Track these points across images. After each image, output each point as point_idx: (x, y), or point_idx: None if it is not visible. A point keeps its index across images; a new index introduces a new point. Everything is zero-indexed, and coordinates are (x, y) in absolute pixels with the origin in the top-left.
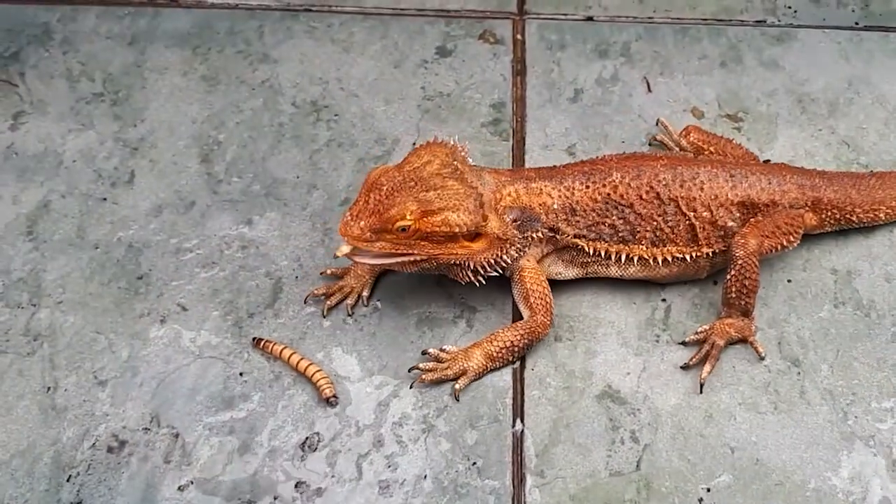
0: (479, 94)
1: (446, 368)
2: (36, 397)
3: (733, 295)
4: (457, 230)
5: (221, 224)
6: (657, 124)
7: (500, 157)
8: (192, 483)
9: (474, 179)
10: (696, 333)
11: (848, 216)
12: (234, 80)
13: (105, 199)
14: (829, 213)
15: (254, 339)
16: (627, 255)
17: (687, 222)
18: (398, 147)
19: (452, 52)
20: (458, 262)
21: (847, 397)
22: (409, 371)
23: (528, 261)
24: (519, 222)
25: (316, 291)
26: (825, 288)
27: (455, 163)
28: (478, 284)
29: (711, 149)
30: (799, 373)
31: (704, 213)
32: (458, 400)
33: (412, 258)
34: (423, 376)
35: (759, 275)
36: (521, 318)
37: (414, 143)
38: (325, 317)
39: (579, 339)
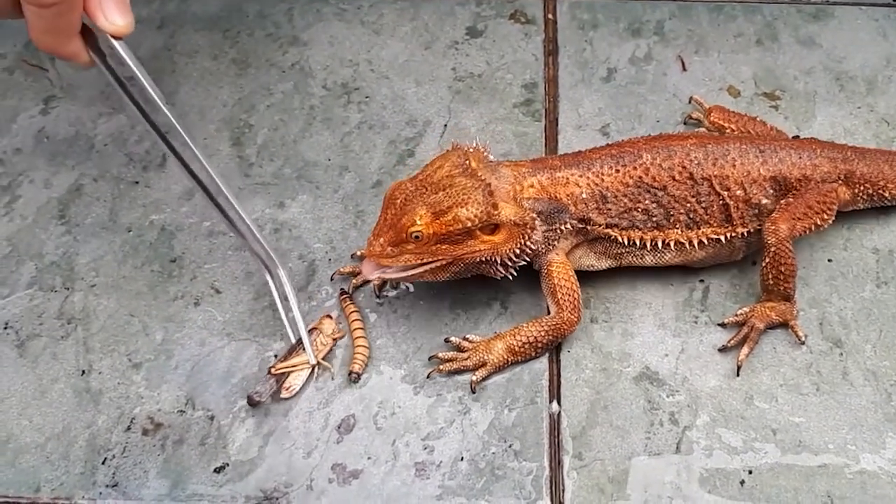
0: (510, 75)
1: (466, 359)
2: (70, 380)
3: (771, 282)
4: (469, 224)
5: (254, 207)
6: (690, 102)
7: (533, 137)
8: (227, 465)
9: (487, 174)
10: (736, 315)
11: (881, 191)
12: (265, 63)
13: (137, 182)
14: (862, 188)
15: (342, 290)
16: (663, 241)
17: (721, 202)
18: (429, 129)
19: (483, 32)
20: (484, 259)
21: (891, 378)
22: (429, 359)
23: (556, 254)
24: (546, 214)
25: (342, 270)
26: (867, 267)
27: (467, 161)
28: (511, 277)
29: (733, 126)
30: (841, 353)
31: (738, 192)
32: (474, 391)
33: (438, 264)
34: (441, 367)
35: (794, 258)
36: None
37: (445, 125)
38: (350, 294)
39: (616, 320)
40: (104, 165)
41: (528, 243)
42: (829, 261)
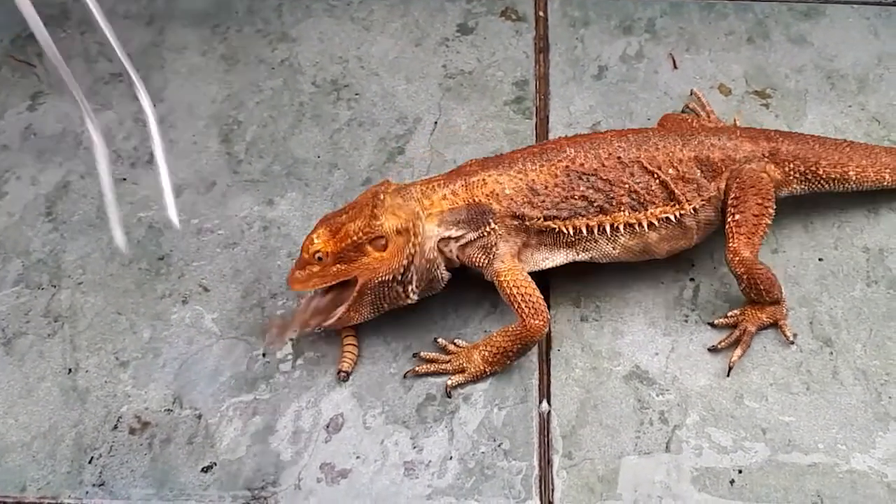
0: (501, 72)
1: (447, 363)
2: (57, 379)
3: (754, 297)
4: (355, 238)
5: (242, 204)
6: (691, 94)
7: (524, 135)
8: (215, 465)
9: (393, 196)
10: (727, 317)
11: (813, 168)
12: (254, 60)
13: (125, 179)
14: (792, 166)
15: None
16: (612, 225)
17: (658, 180)
18: (420, 126)
19: (474, 29)
20: (383, 280)
21: (881, 377)
22: (413, 356)
23: (502, 262)
24: (467, 221)
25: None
26: (857, 266)
27: (384, 186)
28: (412, 300)
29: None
30: (831, 353)
31: (670, 171)
32: (449, 396)
33: (348, 304)
34: (419, 367)
35: (768, 271)
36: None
37: (436, 123)
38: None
39: (606, 319)
40: (92, 162)
41: (415, 253)
42: (820, 260)
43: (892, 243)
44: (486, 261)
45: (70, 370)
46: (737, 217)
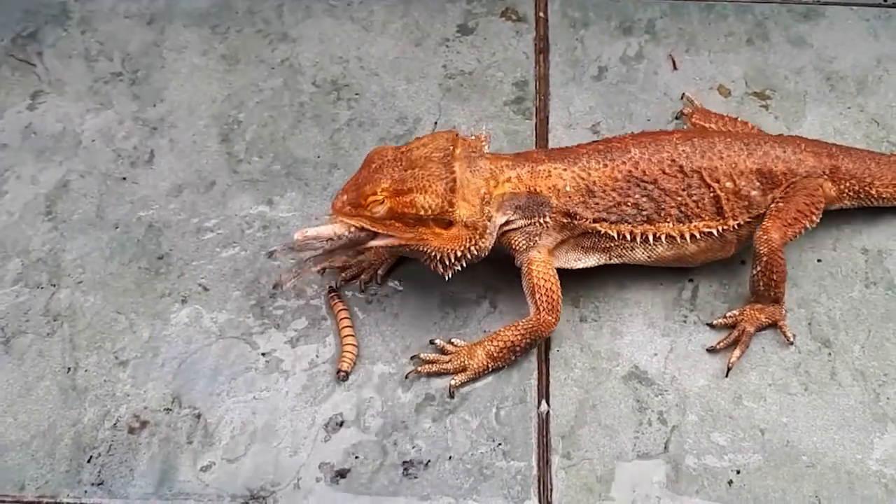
0: (501, 73)
1: (447, 362)
2: (56, 378)
3: (762, 288)
4: (422, 213)
5: (242, 204)
6: (682, 98)
7: (524, 135)
8: (213, 464)
9: (463, 166)
10: (725, 318)
11: (867, 188)
12: (254, 60)
13: (125, 178)
14: (848, 185)
15: (330, 287)
16: (655, 235)
17: (711, 194)
18: (419, 126)
19: (474, 30)
20: (425, 250)
21: (879, 378)
22: (411, 359)
23: (538, 252)
24: (524, 208)
25: (332, 263)
26: (856, 268)
27: (450, 147)
28: (446, 278)
29: (713, 126)
30: (830, 353)
31: (727, 184)
32: (452, 396)
33: (386, 241)
34: (420, 368)
35: (785, 264)
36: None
37: (435, 123)
38: (337, 288)
39: (605, 319)
40: (91, 161)
41: (472, 247)
42: (819, 261)
43: (891, 245)
44: (525, 247)
45: (69, 369)
46: (780, 205)
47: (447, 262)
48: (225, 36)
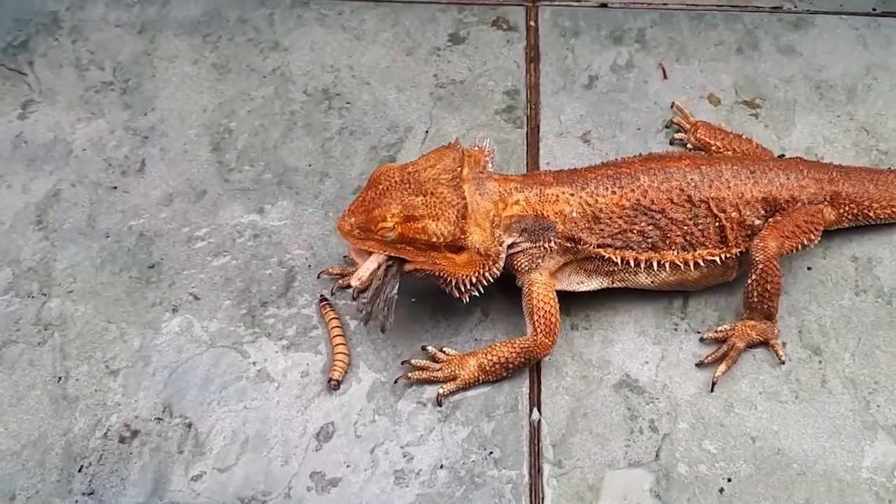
0: (492, 82)
1: (437, 371)
2: (47, 387)
3: (755, 299)
4: (435, 240)
5: (233, 212)
6: (672, 107)
7: (514, 144)
8: (204, 473)
9: (472, 189)
10: (716, 332)
11: (865, 211)
12: (245, 69)
13: (115, 187)
14: (847, 209)
15: (321, 296)
16: (659, 262)
17: (717, 224)
18: (411, 135)
19: (465, 39)
20: (439, 274)
21: (869, 386)
22: (402, 364)
23: (539, 274)
24: (529, 231)
25: (331, 270)
26: (846, 276)
27: (459, 168)
28: (464, 301)
29: (718, 144)
30: (820, 361)
31: (733, 214)
32: (440, 404)
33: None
34: (410, 374)
35: (781, 277)
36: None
37: (427, 132)
38: (333, 294)
39: (596, 327)
40: (82, 170)
41: (486, 274)
42: (809, 269)
43: (881, 252)
44: (527, 268)
45: (60, 378)
46: (778, 219)
47: (462, 288)
48: (216, 45)
